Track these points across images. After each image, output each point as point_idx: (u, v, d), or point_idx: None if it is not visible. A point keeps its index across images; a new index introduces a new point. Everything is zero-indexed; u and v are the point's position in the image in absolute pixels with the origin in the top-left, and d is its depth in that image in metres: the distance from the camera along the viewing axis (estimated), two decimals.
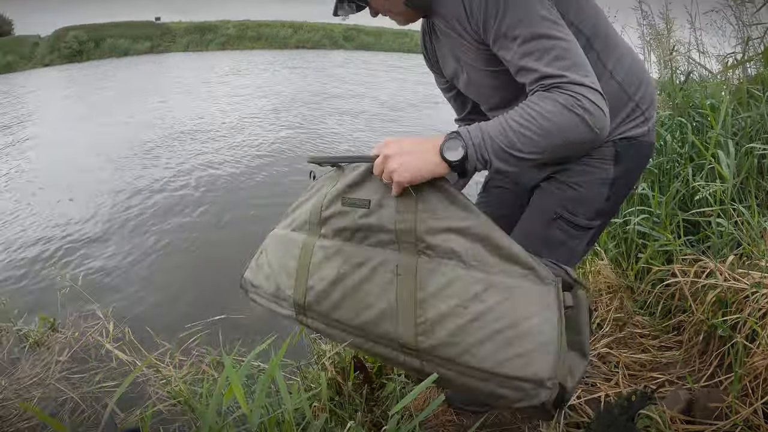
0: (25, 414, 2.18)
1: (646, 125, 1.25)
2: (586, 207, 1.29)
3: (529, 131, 0.99)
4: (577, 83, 0.98)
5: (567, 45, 1.00)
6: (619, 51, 1.21)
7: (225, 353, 2.41)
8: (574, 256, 1.39)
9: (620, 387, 1.88)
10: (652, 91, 1.27)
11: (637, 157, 1.30)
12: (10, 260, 3.94)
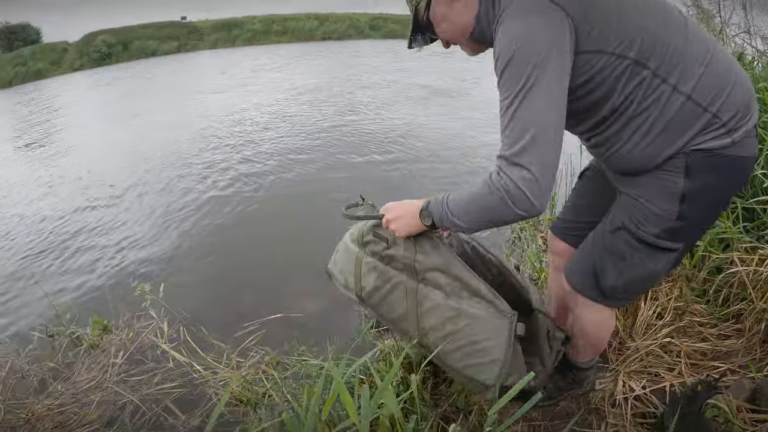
0: (84, 418, 2.21)
1: (729, 137, 1.15)
2: (651, 223, 1.26)
3: (469, 208, 1.23)
4: (513, 166, 1.11)
5: (535, 116, 1.09)
6: (689, 62, 1.13)
7: (284, 353, 2.45)
8: (647, 274, 1.35)
9: (683, 376, 1.87)
10: (740, 99, 1.16)
11: (719, 172, 1.19)
12: (62, 264, 3.99)
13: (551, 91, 1.09)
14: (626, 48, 1.12)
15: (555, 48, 1.07)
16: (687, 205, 1.21)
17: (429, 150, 6.02)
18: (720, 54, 1.19)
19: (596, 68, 1.14)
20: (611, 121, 1.23)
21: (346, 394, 0.96)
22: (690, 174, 1.18)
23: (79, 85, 18.79)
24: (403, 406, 1.68)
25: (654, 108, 1.16)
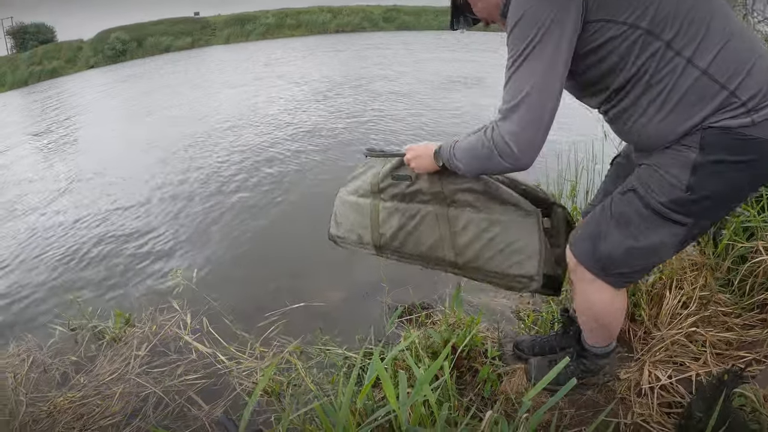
0: (107, 410, 2.22)
1: (749, 116, 1.13)
2: (661, 190, 1.25)
3: (466, 156, 1.40)
4: (505, 120, 1.23)
5: (530, 78, 1.17)
6: (708, 36, 1.13)
7: (307, 343, 2.46)
8: (649, 246, 1.32)
9: (709, 366, 1.86)
10: (764, 78, 1.13)
11: (734, 151, 1.16)
12: (83, 259, 4.00)
13: (550, 56, 1.15)
14: (639, 18, 1.13)
15: (558, 17, 1.12)
16: (698, 178, 1.19)
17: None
18: (743, 32, 1.17)
19: (607, 36, 1.16)
20: (625, 92, 1.24)
21: (388, 380, 0.95)
22: (704, 148, 1.17)
23: (95, 83, 18.87)
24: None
25: (668, 81, 1.16)
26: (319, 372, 2.19)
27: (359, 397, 1.12)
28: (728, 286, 2.20)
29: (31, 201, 5.64)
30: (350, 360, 2.17)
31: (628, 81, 1.21)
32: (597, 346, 1.73)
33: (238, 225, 4.15)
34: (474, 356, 2.02)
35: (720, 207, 1.29)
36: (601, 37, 1.17)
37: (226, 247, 3.79)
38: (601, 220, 1.40)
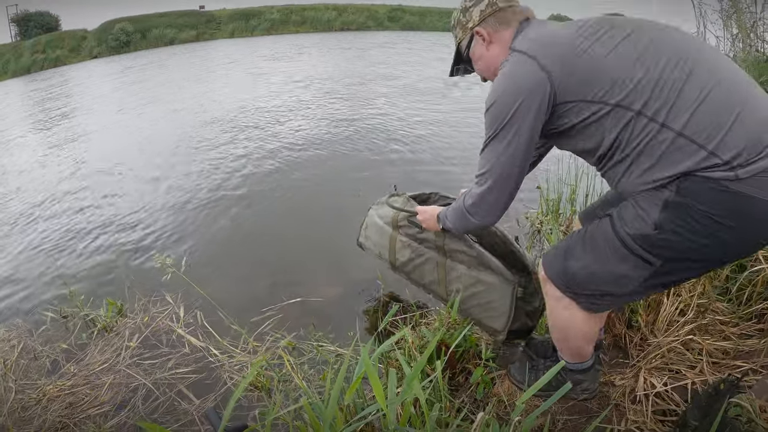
0: (96, 400, 2.20)
1: (733, 172, 1.12)
2: (631, 221, 1.27)
3: (452, 217, 1.71)
4: (476, 185, 1.50)
5: (498, 158, 1.40)
6: (681, 98, 1.16)
7: (300, 338, 2.44)
8: (610, 274, 1.35)
9: (705, 375, 1.84)
10: (747, 135, 1.11)
11: (712, 199, 1.14)
12: (78, 247, 3.98)
13: (510, 140, 1.35)
14: (606, 95, 1.23)
15: (523, 107, 1.30)
16: (667, 216, 1.20)
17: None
18: (733, 78, 1.18)
19: (581, 116, 1.29)
20: (608, 158, 1.32)
21: (375, 376, 0.93)
22: (680, 191, 1.18)
23: (98, 73, 18.87)
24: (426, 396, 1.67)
25: (645, 144, 1.22)
26: (311, 368, 2.18)
27: (347, 394, 1.11)
28: (726, 295, 2.19)
29: (28, 190, 5.60)
30: (342, 357, 2.16)
31: (609, 149, 1.29)
32: (570, 362, 1.71)
33: (237, 219, 4.13)
34: (468, 357, 2.01)
35: (690, 257, 1.25)
36: (576, 116, 1.29)
37: (223, 242, 3.77)
38: (576, 239, 1.45)
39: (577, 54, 1.25)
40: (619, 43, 1.24)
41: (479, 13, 1.52)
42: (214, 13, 32.84)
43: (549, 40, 1.32)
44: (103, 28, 29.23)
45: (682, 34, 1.29)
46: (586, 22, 1.31)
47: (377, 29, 30.62)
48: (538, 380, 1.10)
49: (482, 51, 1.55)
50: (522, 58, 1.32)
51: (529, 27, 1.43)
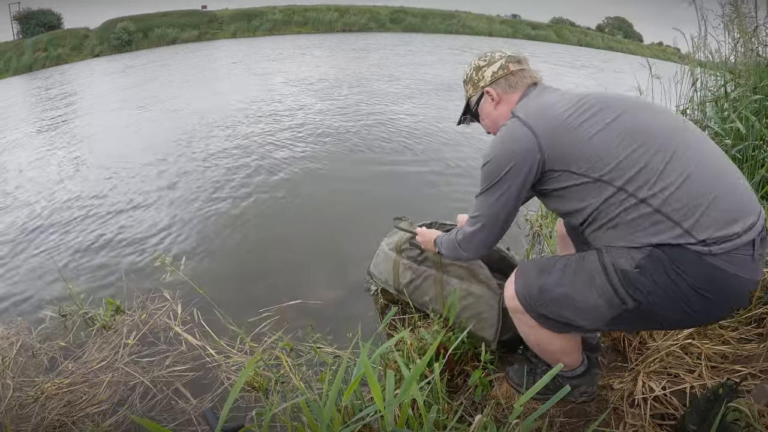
0: (94, 398, 2.20)
1: (707, 247, 1.22)
2: (618, 255, 1.34)
3: (445, 246, 1.86)
4: (468, 226, 1.65)
5: (488, 208, 1.55)
6: (662, 178, 1.26)
7: (298, 339, 2.43)
8: (578, 298, 1.41)
9: (704, 379, 1.84)
10: (722, 216, 1.22)
11: (688, 265, 1.24)
12: (78, 245, 3.96)
13: (499, 195, 1.49)
14: (590, 169, 1.33)
15: (514, 169, 1.42)
16: (649, 262, 1.28)
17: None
18: (705, 168, 1.28)
19: (566, 183, 1.40)
20: (588, 223, 1.43)
21: (374, 377, 0.93)
22: (652, 255, 1.28)
23: (99, 71, 18.87)
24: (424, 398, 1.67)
25: (624, 217, 1.32)
26: (308, 369, 2.18)
27: (345, 395, 1.10)
28: None
29: (28, 188, 5.59)
30: (340, 359, 2.16)
31: (589, 215, 1.40)
32: (561, 370, 1.72)
33: (237, 221, 4.11)
34: (466, 360, 2.01)
35: (658, 311, 1.32)
36: (561, 183, 1.41)
37: (223, 241, 3.76)
38: (556, 260, 1.51)
39: (567, 129, 1.36)
40: (608, 124, 1.34)
41: (491, 75, 1.64)
42: (216, 13, 32.92)
43: (545, 112, 1.42)
44: (105, 26, 29.31)
45: (671, 116, 1.41)
46: (584, 98, 1.41)
47: (379, 30, 30.63)
48: (536, 383, 1.11)
49: (490, 109, 1.67)
50: (518, 124, 1.43)
51: (533, 94, 1.56)
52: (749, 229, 1.22)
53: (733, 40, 2.62)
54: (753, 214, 1.25)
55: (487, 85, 1.65)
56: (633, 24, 56.21)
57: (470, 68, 1.73)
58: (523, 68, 1.64)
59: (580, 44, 41.23)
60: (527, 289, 1.51)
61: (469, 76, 1.73)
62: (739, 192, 1.27)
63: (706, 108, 2.82)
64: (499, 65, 1.64)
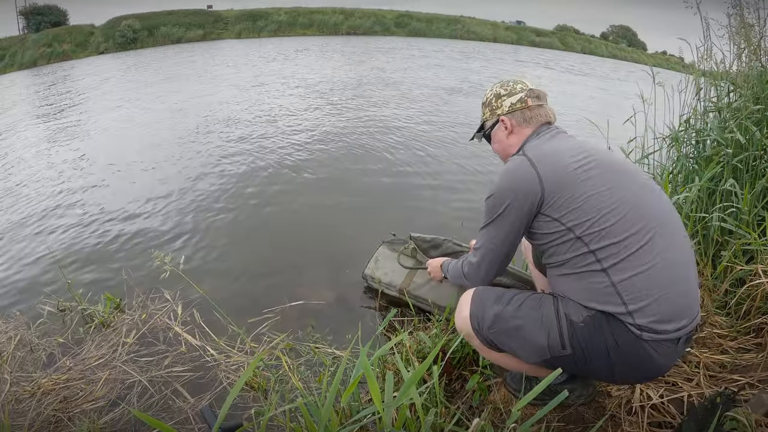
0: (91, 395, 2.20)
1: (639, 331, 1.35)
2: (569, 305, 1.47)
3: (451, 273, 1.96)
4: (473, 257, 1.74)
5: (491, 243, 1.63)
6: (631, 259, 1.36)
7: (297, 340, 2.43)
8: (529, 341, 1.50)
9: (702, 388, 1.84)
10: (665, 311, 1.34)
11: (624, 335, 1.37)
12: (79, 235, 3.99)
13: (500, 229, 1.58)
14: (575, 226, 1.41)
15: (514, 205, 1.50)
16: (593, 320, 1.41)
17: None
18: (669, 263, 1.38)
19: (550, 229, 1.48)
20: (553, 266, 1.55)
21: (373, 379, 0.93)
22: (591, 321, 1.41)
23: (104, 69, 18.90)
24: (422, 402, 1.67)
25: (584, 276, 1.43)
26: (308, 370, 2.18)
27: (344, 396, 1.10)
28: (724, 308, 2.18)
29: (29, 185, 5.60)
30: (339, 359, 2.15)
31: (557, 261, 1.51)
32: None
33: (239, 220, 4.13)
34: (465, 364, 2.01)
35: (591, 364, 1.45)
36: (547, 228, 1.49)
37: (225, 242, 3.76)
38: (515, 293, 1.59)
39: (570, 183, 1.43)
40: (605, 190, 1.41)
41: (510, 105, 1.72)
42: (222, 13, 33.02)
43: (554, 159, 1.49)
44: (111, 24, 29.41)
45: (662, 200, 1.49)
46: (592, 156, 1.48)
47: (384, 34, 30.71)
48: (533, 389, 1.12)
49: (502, 137, 1.75)
50: (527, 164, 1.50)
51: (546, 135, 1.64)
52: (679, 330, 1.36)
53: (739, 49, 2.62)
54: (687, 318, 1.38)
55: (504, 114, 1.72)
56: (637, 33, 56.39)
57: (491, 93, 1.79)
58: (541, 104, 1.71)
59: (584, 52, 41.41)
60: (482, 314, 1.58)
61: (489, 100, 1.79)
62: (686, 296, 1.40)
63: (709, 117, 2.82)
64: (518, 98, 1.71)
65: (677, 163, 2.85)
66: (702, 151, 2.68)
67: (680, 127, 2.95)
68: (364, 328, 2.54)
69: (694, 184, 2.40)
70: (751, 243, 2.12)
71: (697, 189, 2.38)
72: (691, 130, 2.87)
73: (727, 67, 2.73)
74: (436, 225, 3.78)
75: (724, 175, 2.39)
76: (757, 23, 2.58)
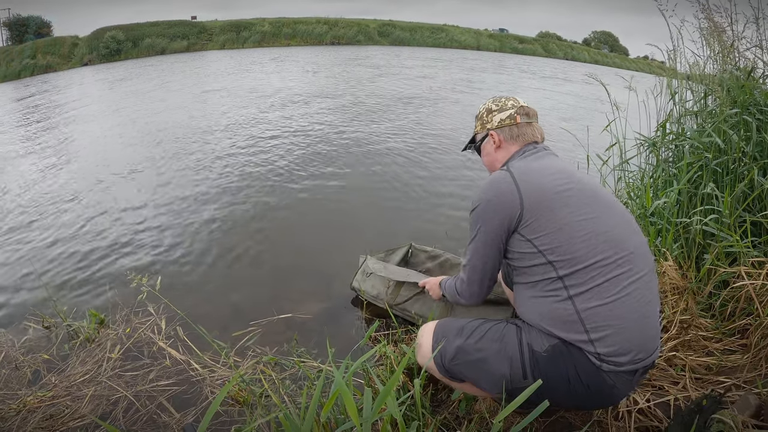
0: (77, 412, 2.17)
1: (599, 360, 1.38)
2: (532, 334, 1.50)
3: (447, 291, 1.92)
4: (463, 273, 1.75)
5: (476, 259, 1.64)
6: (599, 289, 1.38)
7: (282, 353, 2.42)
8: (490, 373, 1.51)
9: (688, 391, 1.85)
10: (626, 343, 1.37)
11: (584, 363, 1.40)
12: (63, 251, 3.94)
13: (483, 244, 1.59)
14: (547, 251, 1.44)
15: (494, 220, 1.53)
16: (556, 349, 1.43)
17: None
18: (636, 298, 1.40)
19: (522, 249, 1.51)
20: (521, 285, 1.59)
21: (348, 394, 0.93)
22: (566, 345, 1.43)
23: (87, 81, 18.82)
24: (405, 412, 1.66)
25: (549, 300, 1.46)
26: (293, 383, 2.16)
27: (324, 410, 1.10)
28: (709, 311, 2.20)
29: (13, 195, 5.55)
30: (323, 373, 2.14)
31: (525, 282, 1.55)
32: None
33: (223, 234, 4.09)
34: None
35: (552, 392, 1.42)
36: (519, 247, 1.51)
37: (209, 255, 3.73)
38: (478, 325, 1.61)
39: (548, 207, 1.45)
40: (582, 220, 1.44)
41: (499, 121, 1.76)
42: (206, 24, 33.02)
43: (537, 180, 1.51)
44: (95, 35, 29.31)
45: (635, 234, 1.51)
46: (573, 183, 1.50)
47: (368, 44, 30.87)
48: (516, 398, 1.13)
49: (490, 150, 1.79)
50: (509, 180, 1.52)
51: (532, 155, 1.66)
52: (636, 363, 1.39)
53: (714, 53, 2.65)
54: (645, 352, 1.40)
55: (493, 128, 1.77)
56: (619, 38, 57.16)
57: (484, 107, 1.85)
58: (531, 122, 1.75)
59: (567, 58, 41.89)
60: (444, 347, 1.61)
61: (481, 114, 1.85)
62: (646, 331, 1.41)
63: (685, 121, 2.85)
64: (508, 114, 1.76)
65: (656, 168, 2.87)
66: (680, 155, 2.69)
67: (657, 131, 2.97)
68: (348, 340, 2.54)
69: (673, 188, 2.42)
70: (734, 245, 2.14)
71: (675, 194, 2.40)
72: (670, 135, 2.89)
73: (701, 70, 2.76)
74: (423, 235, 3.79)
75: (703, 178, 2.41)
76: (729, 26, 2.61)
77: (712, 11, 2.59)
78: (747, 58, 2.65)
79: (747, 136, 2.33)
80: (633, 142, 3.08)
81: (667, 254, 2.28)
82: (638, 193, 2.87)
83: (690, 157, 2.48)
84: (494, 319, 1.63)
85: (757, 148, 2.31)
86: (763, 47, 2.56)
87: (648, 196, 2.58)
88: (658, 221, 2.46)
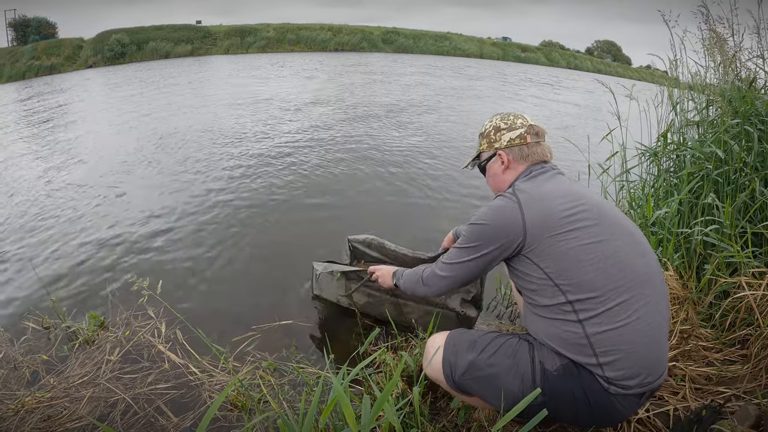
0: (74, 413, 2.17)
1: (606, 383, 1.38)
2: (544, 352, 1.48)
3: (406, 279, 1.96)
4: (435, 269, 1.76)
5: (461, 268, 1.65)
6: (608, 314, 1.37)
7: (281, 359, 2.42)
8: (503, 388, 1.48)
9: (688, 401, 1.84)
10: (634, 367, 1.37)
11: (591, 384, 1.40)
12: (62, 253, 3.94)
13: (472, 258, 1.60)
14: (554, 275, 1.43)
15: (493, 243, 1.53)
16: (563, 370, 1.43)
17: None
18: (645, 322, 1.39)
19: (528, 271, 1.50)
20: (532, 306, 1.55)
21: (346, 401, 0.93)
22: (576, 366, 1.42)
23: (92, 83, 18.88)
24: (403, 420, 1.66)
25: (558, 324, 1.44)
26: (291, 389, 2.16)
27: (322, 417, 1.10)
28: (709, 321, 2.19)
29: (16, 197, 5.56)
30: (322, 379, 2.14)
31: (534, 301, 1.52)
32: None
33: (225, 239, 4.09)
34: None
35: (559, 409, 1.44)
36: (527, 269, 1.50)
37: (210, 260, 3.73)
38: (490, 339, 1.59)
39: (555, 232, 1.44)
40: (590, 244, 1.41)
41: (508, 140, 1.70)
42: (211, 29, 33.15)
43: (544, 204, 1.48)
44: (100, 38, 29.46)
45: (647, 256, 1.48)
46: (583, 206, 1.47)
47: (371, 51, 30.99)
48: (514, 407, 1.13)
49: (498, 171, 1.73)
50: (514, 204, 1.51)
51: (541, 177, 1.61)
52: (644, 386, 1.38)
53: (716, 63, 2.66)
54: (653, 376, 1.40)
55: (502, 148, 1.71)
56: (622, 47, 57.32)
57: (491, 125, 1.77)
58: (539, 142, 1.70)
59: (569, 67, 42.02)
60: (455, 360, 1.59)
61: (487, 132, 1.77)
62: (655, 356, 1.41)
63: (687, 131, 2.85)
64: (518, 134, 1.69)
65: (658, 178, 2.87)
66: (681, 165, 2.69)
67: (658, 141, 2.98)
68: (348, 347, 2.54)
69: (673, 199, 2.42)
70: (734, 255, 2.13)
71: (676, 204, 2.40)
72: (671, 145, 2.89)
73: (702, 80, 2.77)
74: (426, 244, 3.79)
75: (704, 188, 2.41)
76: (730, 37, 2.62)
77: (714, 22, 2.60)
78: (748, 69, 2.66)
79: (748, 146, 2.34)
80: (634, 152, 3.08)
81: (668, 264, 2.28)
82: (639, 202, 2.87)
83: (691, 167, 2.48)
84: (507, 334, 1.61)
85: (758, 158, 2.31)
86: (764, 57, 2.57)
87: (649, 206, 2.58)
88: (659, 231, 2.46)
